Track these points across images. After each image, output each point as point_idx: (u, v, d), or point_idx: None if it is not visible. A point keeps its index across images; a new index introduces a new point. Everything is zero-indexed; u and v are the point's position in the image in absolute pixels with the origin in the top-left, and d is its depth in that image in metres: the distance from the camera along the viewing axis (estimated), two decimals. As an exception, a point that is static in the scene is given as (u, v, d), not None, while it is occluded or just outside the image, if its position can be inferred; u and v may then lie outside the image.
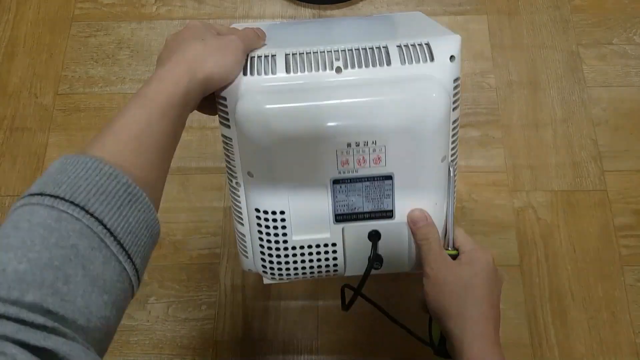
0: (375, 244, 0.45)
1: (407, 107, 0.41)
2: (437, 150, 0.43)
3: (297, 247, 0.46)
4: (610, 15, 0.81)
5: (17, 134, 0.78)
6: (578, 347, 0.65)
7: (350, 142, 0.41)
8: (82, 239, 0.27)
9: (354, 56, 0.42)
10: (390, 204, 0.45)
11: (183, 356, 0.66)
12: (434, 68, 0.42)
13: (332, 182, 0.43)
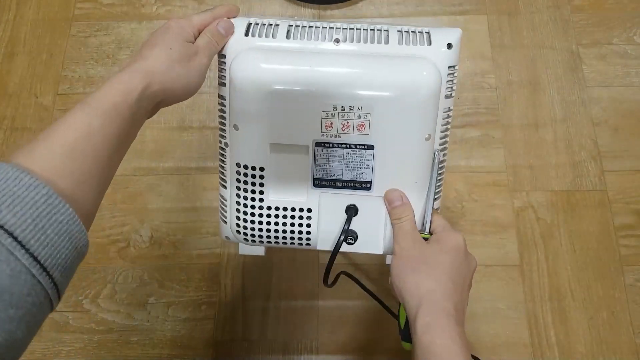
0: (350, 218, 0.45)
1: (396, 79, 0.42)
2: (422, 127, 0.43)
3: (273, 207, 0.46)
4: (610, 15, 0.81)
5: (17, 134, 0.78)
6: (578, 347, 0.65)
7: (337, 104, 0.42)
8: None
9: (354, 33, 0.44)
10: (370, 175, 0.45)
11: (183, 356, 0.66)
12: (430, 52, 0.43)
13: (315, 144, 0.44)
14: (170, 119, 0.78)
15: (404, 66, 0.42)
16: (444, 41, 0.43)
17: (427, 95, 0.42)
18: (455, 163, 0.74)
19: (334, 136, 0.43)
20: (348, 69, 0.42)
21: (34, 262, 0.27)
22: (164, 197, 0.73)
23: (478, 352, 0.65)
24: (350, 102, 0.42)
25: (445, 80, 0.43)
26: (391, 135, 0.43)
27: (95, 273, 0.70)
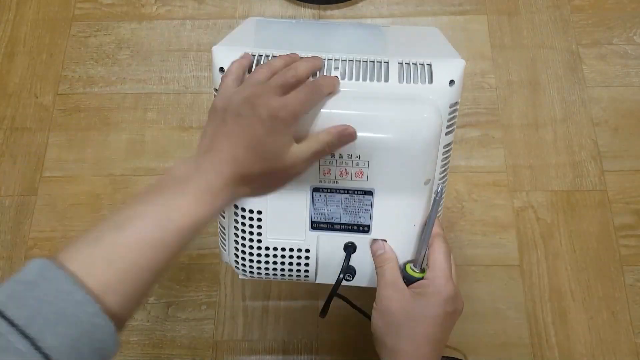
0: (349, 256, 0.45)
1: (395, 125, 0.40)
2: (422, 172, 0.42)
3: (271, 247, 0.46)
4: (610, 15, 0.81)
5: (17, 134, 0.78)
6: (578, 347, 0.65)
7: (334, 152, 0.41)
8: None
9: (352, 67, 0.42)
10: (368, 219, 0.45)
11: (183, 356, 0.66)
12: (432, 90, 0.41)
13: (312, 190, 0.44)
14: (170, 119, 0.78)
15: (403, 111, 0.41)
16: (447, 78, 0.42)
17: (427, 140, 0.41)
18: (455, 163, 0.74)
19: (331, 182, 0.43)
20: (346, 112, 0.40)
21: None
22: (164, 197, 0.73)
23: (478, 352, 0.65)
24: (349, 151, 0.41)
25: (447, 118, 0.42)
26: (390, 180, 0.43)
27: (95, 273, 0.70)
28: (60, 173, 0.75)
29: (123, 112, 0.78)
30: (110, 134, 0.77)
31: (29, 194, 0.74)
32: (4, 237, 0.72)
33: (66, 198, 0.74)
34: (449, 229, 0.71)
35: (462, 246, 0.70)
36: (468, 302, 0.67)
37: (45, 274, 0.28)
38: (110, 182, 0.74)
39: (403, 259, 0.45)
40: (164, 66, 0.81)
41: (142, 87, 0.80)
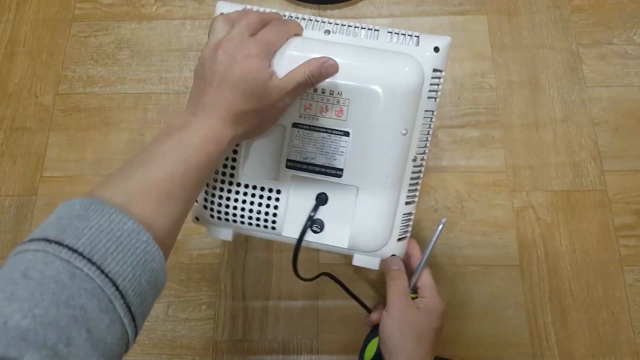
0: (319, 205, 0.46)
1: (378, 71, 0.42)
2: (399, 120, 0.43)
3: (243, 184, 0.46)
4: (610, 15, 0.81)
5: (17, 134, 0.78)
6: (578, 347, 0.65)
7: (317, 87, 0.43)
8: (92, 300, 0.26)
9: (344, 28, 0.45)
10: (342, 162, 0.45)
11: (183, 356, 0.66)
12: (417, 52, 0.44)
13: (291, 125, 0.44)
14: (170, 119, 0.78)
15: (387, 58, 0.43)
16: (432, 44, 0.44)
17: (407, 88, 0.42)
18: (455, 163, 0.74)
19: (311, 118, 0.44)
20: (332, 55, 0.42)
21: (127, 312, 0.28)
22: (164, 197, 0.73)
23: (478, 352, 0.65)
24: (331, 87, 0.43)
25: (429, 82, 0.43)
26: (368, 124, 0.43)
27: (95, 273, 0.70)
28: (60, 173, 0.75)
29: (123, 112, 0.78)
30: (110, 134, 0.77)
31: (29, 194, 0.74)
32: (4, 237, 0.72)
33: (66, 198, 0.73)
34: (449, 228, 0.71)
35: (462, 246, 0.70)
36: (468, 302, 0.68)
37: (92, 207, 0.30)
38: (110, 182, 0.74)
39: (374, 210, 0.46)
40: (164, 66, 0.81)
41: (142, 87, 0.80)
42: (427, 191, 0.72)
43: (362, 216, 0.46)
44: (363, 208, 0.45)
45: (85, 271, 0.26)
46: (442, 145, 0.75)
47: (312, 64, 0.40)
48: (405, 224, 0.48)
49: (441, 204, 0.72)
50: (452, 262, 0.69)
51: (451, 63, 0.79)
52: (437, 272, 0.69)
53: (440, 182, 0.73)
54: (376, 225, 0.46)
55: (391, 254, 0.48)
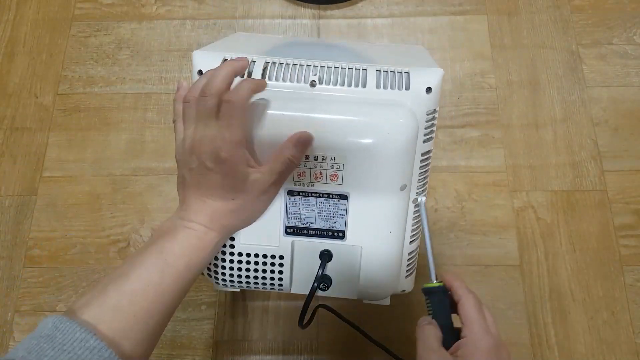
0: (324, 264, 0.44)
1: (370, 128, 0.40)
2: (397, 177, 0.42)
3: (244, 253, 0.45)
4: (610, 15, 0.81)
5: (17, 134, 0.78)
6: (578, 347, 0.65)
7: (309, 154, 0.41)
8: None
9: (330, 74, 0.42)
10: (343, 225, 0.44)
11: (183, 356, 0.66)
12: (408, 97, 0.41)
13: (286, 193, 0.43)
14: (170, 119, 0.78)
15: (378, 115, 0.41)
16: (423, 85, 0.42)
17: (402, 145, 0.41)
18: (455, 163, 0.74)
19: (306, 185, 0.43)
20: (322, 116, 0.40)
21: None
22: (164, 197, 0.73)
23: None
24: (323, 152, 0.41)
25: (424, 125, 0.42)
26: (365, 185, 0.42)
27: (95, 273, 0.70)
28: (60, 173, 0.75)
29: (123, 112, 0.78)
30: (110, 134, 0.77)
31: (29, 194, 0.74)
32: (4, 237, 0.72)
33: (66, 198, 0.74)
34: (449, 228, 0.71)
35: (462, 246, 0.70)
36: (468, 302, 0.68)
37: (60, 326, 0.30)
38: (110, 182, 0.74)
39: (380, 264, 0.45)
40: (164, 66, 0.81)
41: (142, 87, 0.80)
42: (427, 191, 0.72)
43: (368, 271, 0.45)
44: (369, 264, 0.45)
45: None
46: (442, 145, 0.75)
47: (288, 147, 0.39)
48: (412, 260, 0.47)
49: (441, 204, 0.72)
50: (452, 262, 0.69)
51: (451, 63, 0.79)
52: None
53: (440, 182, 0.73)
54: (384, 276, 0.45)
55: (401, 290, 0.48)
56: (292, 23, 0.83)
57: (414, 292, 0.68)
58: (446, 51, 0.80)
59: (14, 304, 0.69)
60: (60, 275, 0.70)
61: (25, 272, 0.70)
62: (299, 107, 0.41)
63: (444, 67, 0.78)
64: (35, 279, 0.69)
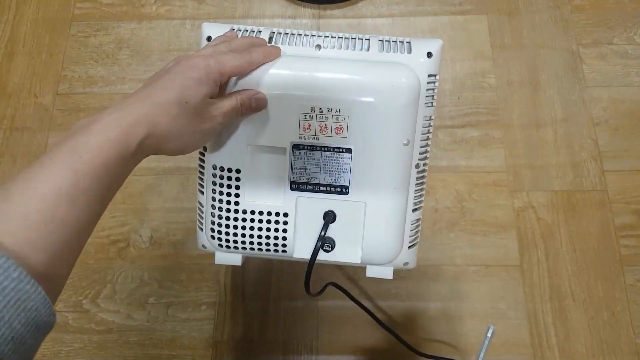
0: (328, 224, 0.45)
1: (374, 84, 0.42)
2: (400, 132, 0.43)
3: (249, 211, 0.45)
4: (610, 15, 0.81)
5: (17, 134, 0.78)
6: (578, 347, 0.65)
7: (315, 107, 0.42)
8: None
9: (335, 40, 0.45)
10: (347, 179, 0.44)
11: (183, 356, 0.66)
12: (410, 60, 0.43)
13: (292, 147, 0.44)
14: (170, 119, 0.78)
15: (383, 71, 0.42)
16: (424, 50, 0.44)
17: (405, 100, 0.42)
18: (455, 163, 0.74)
19: (311, 138, 0.43)
20: (327, 72, 0.42)
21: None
22: (164, 197, 0.73)
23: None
24: (329, 105, 0.42)
25: (425, 88, 0.43)
26: (369, 138, 0.43)
27: (95, 273, 0.70)
28: (60, 173, 0.75)
29: (123, 112, 0.78)
30: (110, 133, 0.77)
31: (29, 194, 0.74)
32: (4, 237, 0.72)
33: (66, 198, 0.74)
34: (449, 228, 0.71)
35: (462, 246, 0.70)
36: (468, 302, 0.68)
37: None
38: (110, 182, 0.74)
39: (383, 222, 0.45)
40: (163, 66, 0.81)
41: (142, 87, 0.80)
42: (427, 191, 0.72)
43: (372, 230, 0.45)
44: (372, 222, 0.45)
45: None
46: (442, 145, 0.75)
47: (244, 94, 0.40)
48: (415, 231, 0.48)
49: (441, 204, 0.72)
50: (452, 262, 0.69)
51: (451, 63, 0.79)
52: (437, 272, 0.69)
53: (441, 182, 0.73)
54: (387, 237, 0.46)
55: (404, 262, 0.48)
56: (292, 23, 0.83)
57: (417, 288, 0.68)
58: (446, 51, 0.80)
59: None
60: (60, 275, 0.69)
61: (25, 272, 0.70)
62: (305, 65, 0.42)
63: (444, 67, 0.79)
64: (35, 279, 0.69)
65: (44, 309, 0.26)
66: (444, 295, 0.67)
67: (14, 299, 0.25)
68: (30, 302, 0.26)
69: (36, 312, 0.26)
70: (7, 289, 0.25)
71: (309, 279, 0.45)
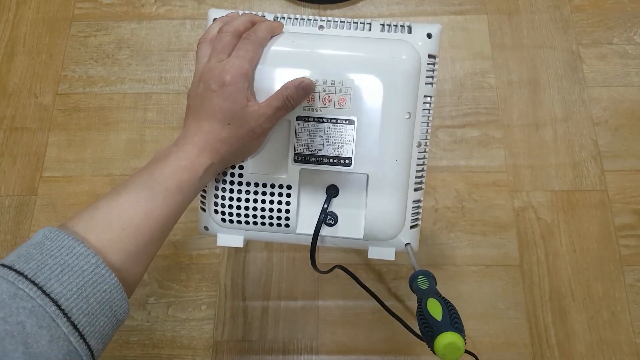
0: (330, 197, 0.46)
1: (376, 58, 0.43)
2: (402, 104, 0.44)
3: (252, 183, 0.46)
4: (610, 15, 0.81)
5: (17, 134, 0.78)
6: (578, 347, 0.65)
7: (318, 79, 0.43)
8: (31, 317, 0.27)
9: (337, 22, 0.46)
10: (350, 151, 0.45)
11: (183, 356, 0.66)
12: (410, 39, 0.45)
13: (296, 119, 0.44)
14: (170, 119, 0.78)
15: (384, 46, 0.44)
16: (424, 31, 0.45)
17: (406, 73, 0.43)
18: (455, 163, 0.74)
19: (315, 110, 0.44)
20: (329, 48, 0.43)
21: (73, 330, 0.29)
22: (163, 197, 0.73)
23: (478, 352, 0.65)
24: (332, 77, 0.43)
25: (426, 68, 0.45)
26: (372, 110, 0.44)
27: (95, 273, 0.70)
28: (60, 173, 0.75)
29: (123, 112, 0.78)
30: (110, 133, 0.77)
31: (29, 194, 0.74)
32: (4, 237, 0.72)
33: (66, 198, 0.74)
34: (449, 228, 0.71)
35: (462, 246, 0.70)
36: (468, 302, 0.68)
37: (49, 235, 0.31)
38: (110, 182, 0.74)
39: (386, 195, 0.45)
40: (163, 66, 0.81)
41: (141, 87, 0.80)
42: (428, 191, 0.72)
43: (374, 203, 0.46)
44: (375, 195, 0.45)
45: (27, 291, 0.28)
46: (442, 145, 0.75)
47: (289, 87, 0.41)
48: (416, 211, 0.48)
49: (441, 204, 0.72)
50: (452, 262, 0.69)
51: (451, 63, 0.79)
52: (437, 272, 0.69)
53: (440, 182, 0.73)
54: (389, 212, 0.46)
55: (405, 243, 0.48)
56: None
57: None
58: (446, 51, 0.80)
59: (13, 304, 0.69)
60: (60, 275, 0.69)
61: (25, 272, 0.70)
62: (308, 41, 0.43)
63: (444, 67, 0.79)
64: (35, 279, 0.69)
65: (118, 294, 0.32)
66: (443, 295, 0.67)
67: (92, 280, 0.30)
68: (105, 284, 0.31)
69: (110, 295, 0.31)
70: (86, 272, 0.30)
71: (314, 253, 0.46)
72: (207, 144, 0.39)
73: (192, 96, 0.41)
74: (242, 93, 0.39)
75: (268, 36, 0.42)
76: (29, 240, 0.31)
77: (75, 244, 0.30)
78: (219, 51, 0.40)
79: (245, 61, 0.40)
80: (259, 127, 0.40)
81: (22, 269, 0.29)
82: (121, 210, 0.34)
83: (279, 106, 0.41)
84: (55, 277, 0.29)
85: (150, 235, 0.35)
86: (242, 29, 0.42)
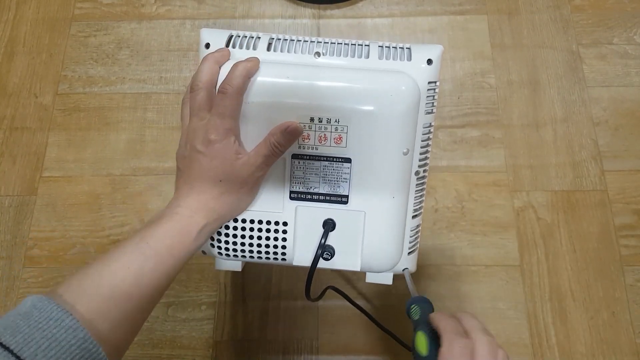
0: (327, 232, 0.45)
1: (373, 93, 0.42)
2: (400, 141, 0.43)
3: (248, 220, 0.45)
4: (610, 15, 0.81)
5: (16, 134, 0.78)
6: (578, 347, 0.65)
7: (313, 116, 0.42)
8: None
9: (334, 47, 0.44)
10: (347, 189, 0.44)
11: (183, 356, 0.66)
12: (410, 67, 0.43)
13: (291, 157, 0.44)
14: (170, 119, 0.78)
15: (382, 79, 0.42)
16: (424, 57, 0.43)
17: (405, 109, 0.42)
18: (455, 163, 0.74)
19: (310, 148, 0.43)
20: (326, 81, 0.42)
21: None
22: (164, 197, 0.73)
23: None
24: (327, 115, 0.42)
25: (425, 95, 0.43)
26: (368, 148, 0.43)
27: (95, 273, 0.70)
28: (60, 173, 0.75)
29: (123, 112, 0.78)
30: (110, 133, 0.77)
31: (29, 193, 0.74)
32: (4, 237, 0.72)
33: (66, 198, 0.74)
34: (449, 228, 0.71)
35: (462, 246, 0.70)
36: (468, 302, 0.68)
37: (37, 305, 0.30)
38: (109, 182, 0.74)
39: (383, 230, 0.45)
40: (163, 66, 0.81)
41: (141, 87, 0.80)
42: (427, 191, 0.72)
43: (371, 239, 0.45)
44: (372, 231, 0.45)
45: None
46: (442, 145, 0.75)
47: (275, 133, 0.40)
48: (414, 237, 0.48)
49: (441, 204, 0.72)
50: (452, 262, 0.69)
51: (451, 63, 0.79)
52: (437, 272, 0.69)
53: (440, 182, 0.73)
54: (387, 246, 0.46)
55: (403, 268, 0.48)
56: (292, 23, 0.83)
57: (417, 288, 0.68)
58: (446, 51, 0.80)
59: (13, 304, 0.69)
60: (60, 275, 0.69)
61: (25, 272, 0.70)
62: (304, 74, 0.42)
63: (444, 67, 0.79)
64: (35, 279, 0.69)
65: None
66: (443, 295, 0.67)
67: (79, 355, 0.29)
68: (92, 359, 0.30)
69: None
70: (73, 347, 0.29)
71: (310, 287, 0.45)
72: (200, 204, 0.39)
73: (180, 158, 0.41)
74: (230, 148, 0.39)
75: (245, 81, 0.40)
76: (16, 308, 0.31)
77: (64, 316, 0.30)
78: (197, 109, 0.40)
79: (226, 117, 0.39)
80: (251, 177, 0.40)
81: (7, 343, 0.28)
82: (110, 278, 0.33)
83: (267, 154, 0.40)
84: (42, 353, 0.28)
85: (140, 303, 0.35)
86: (214, 79, 0.40)
